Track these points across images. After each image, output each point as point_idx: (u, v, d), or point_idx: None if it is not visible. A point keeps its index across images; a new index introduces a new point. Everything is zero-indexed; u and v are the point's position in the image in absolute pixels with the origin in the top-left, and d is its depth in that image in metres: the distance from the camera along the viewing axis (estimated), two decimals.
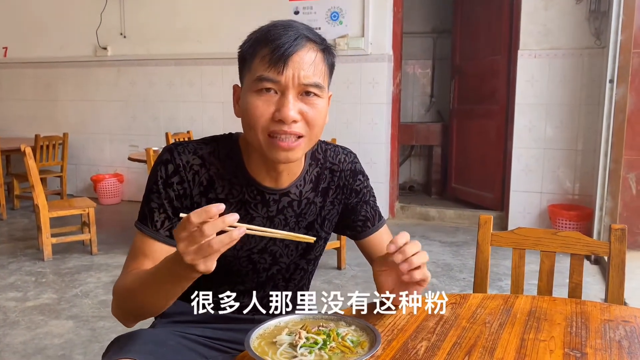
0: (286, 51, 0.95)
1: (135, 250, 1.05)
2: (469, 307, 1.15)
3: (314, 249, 1.18)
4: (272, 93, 0.97)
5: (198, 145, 1.08)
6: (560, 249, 1.37)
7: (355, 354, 0.86)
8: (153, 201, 1.04)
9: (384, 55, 4.64)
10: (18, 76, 6.09)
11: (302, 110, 0.98)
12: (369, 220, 1.22)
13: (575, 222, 3.98)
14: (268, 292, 1.15)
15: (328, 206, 1.17)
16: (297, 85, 0.97)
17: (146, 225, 1.04)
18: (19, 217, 5.02)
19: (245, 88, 1.01)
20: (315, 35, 1.01)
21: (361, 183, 1.21)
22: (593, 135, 4.08)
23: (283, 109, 0.96)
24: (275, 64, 0.95)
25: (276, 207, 1.10)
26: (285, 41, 0.95)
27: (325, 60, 1.01)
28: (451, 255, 3.86)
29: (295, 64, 0.96)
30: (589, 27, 4.03)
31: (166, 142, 4.64)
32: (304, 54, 0.97)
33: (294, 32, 0.97)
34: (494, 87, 4.69)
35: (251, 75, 0.99)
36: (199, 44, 5.24)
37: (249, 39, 1.02)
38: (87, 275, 3.42)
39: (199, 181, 1.05)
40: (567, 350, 0.96)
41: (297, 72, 0.96)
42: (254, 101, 0.97)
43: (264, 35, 0.98)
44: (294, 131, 0.97)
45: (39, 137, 4.97)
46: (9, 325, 2.69)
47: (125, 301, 1.01)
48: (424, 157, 6.32)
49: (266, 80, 0.96)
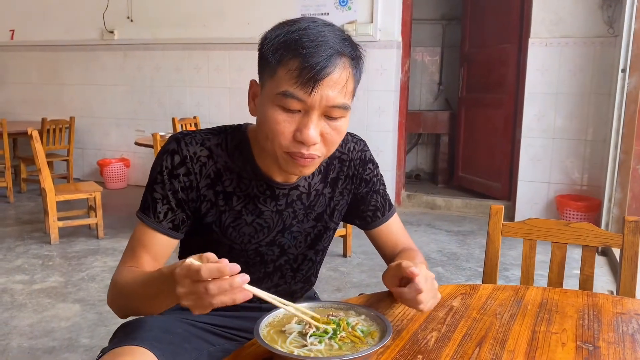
0: (318, 73, 0.88)
1: (135, 241, 1.03)
2: (479, 298, 1.14)
3: (322, 240, 1.17)
4: (296, 112, 0.91)
5: (206, 136, 1.04)
6: (572, 241, 1.35)
7: (366, 344, 0.85)
8: (156, 191, 1.02)
9: (392, 42, 4.59)
10: (25, 59, 6.08)
11: (323, 131, 0.93)
12: (378, 210, 1.20)
13: (583, 212, 3.95)
14: (275, 282, 1.14)
15: (337, 196, 1.15)
16: (323, 107, 0.91)
17: (148, 216, 1.02)
18: (25, 200, 5.04)
19: (267, 95, 0.94)
20: (347, 46, 0.93)
21: (371, 172, 1.18)
22: (603, 125, 4.04)
23: (305, 131, 0.91)
24: (304, 83, 0.88)
25: (285, 201, 1.08)
26: (317, 61, 0.88)
27: (354, 77, 0.95)
28: (457, 245, 3.85)
29: (325, 87, 0.89)
30: (602, 15, 3.96)
31: (172, 127, 4.63)
32: (336, 75, 0.90)
33: (326, 47, 0.89)
34: (503, 76, 4.64)
35: (275, 84, 0.92)
36: (205, 28, 5.21)
37: (274, 38, 0.93)
38: (93, 259, 3.43)
39: (206, 173, 1.03)
40: (579, 343, 0.95)
41: (326, 95, 0.90)
42: (275, 116, 0.92)
43: (293, 43, 0.90)
44: (311, 154, 0.93)
45: (46, 121, 4.97)
46: (17, 307, 2.71)
47: (120, 298, 0.99)
48: (431, 145, 6.29)
49: (292, 97, 0.89)
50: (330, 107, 0.91)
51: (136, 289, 0.92)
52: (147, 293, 0.89)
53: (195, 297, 0.75)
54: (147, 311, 0.94)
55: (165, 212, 1.01)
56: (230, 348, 1.05)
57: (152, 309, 0.92)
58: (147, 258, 1.01)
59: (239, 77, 5.16)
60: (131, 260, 1.02)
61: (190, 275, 0.74)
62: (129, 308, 0.98)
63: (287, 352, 0.81)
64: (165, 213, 1.01)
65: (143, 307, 0.93)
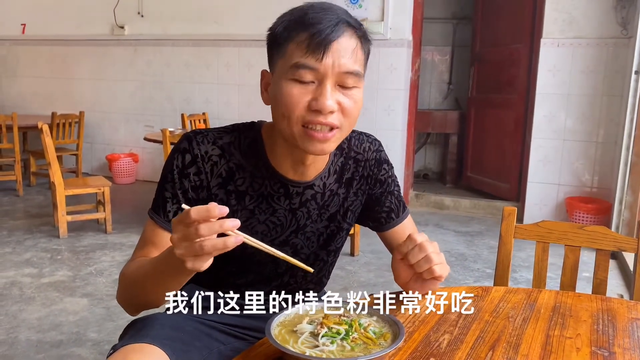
0: (327, 37, 0.89)
1: (145, 239, 1.02)
2: (491, 301, 1.13)
3: (335, 240, 1.15)
4: (310, 83, 0.91)
5: (218, 135, 1.03)
6: (586, 244, 1.33)
7: (379, 345, 0.84)
8: (167, 190, 1.01)
9: (403, 41, 4.57)
10: (35, 53, 6.10)
11: (339, 100, 0.93)
12: (393, 212, 1.19)
13: (593, 215, 3.92)
14: (286, 281, 1.13)
15: (351, 197, 1.13)
16: (336, 74, 0.91)
17: (158, 214, 1.01)
18: (34, 193, 5.07)
19: (278, 74, 0.94)
20: (354, 20, 0.95)
21: (386, 172, 1.17)
22: (614, 127, 4.00)
23: (321, 98, 0.90)
24: (314, 50, 0.89)
25: (299, 200, 1.07)
26: (325, 26, 0.89)
27: (363, 48, 0.96)
28: (465, 245, 3.83)
29: (335, 52, 0.90)
30: (616, 16, 3.92)
31: (181, 123, 4.64)
32: (344, 40, 0.91)
33: (334, 16, 0.91)
34: (514, 76, 4.61)
35: (285, 60, 0.92)
36: (216, 25, 5.20)
37: (281, 21, 0.95)
38: (101, 253, 3.44)
39: (218, 172, 1.01)
40: (594, 348, 0.94)
41: (337, 60, 0.90)
42: (289, 89, 0.91)
43: (300, 18, 0.92)
44: (329, 122, 0.92)
45: (56, 115, 4.99)
46: (25, 300, 2.72)
47: (128, 289, 0.99)
48: (440, 145, 6.26)
49: (303, 67, 0.90)
50: (343, 73, 0.91)
51: (147, 268, 0.92)
52: (156, 271, 0.88)
53: (189, 245, 0.75)
54: (157, 293, 0.91)
55: (175, 211, 1.01)
56: (240, 347, 1.05)
57: (160, 288, 0.89)
58: (157, 253, 1.00)
59: (249, 74, 5.15)
60: (141, 255, 1.01)
61: (182, 219, 0.75)
62: (139, 296, 0.96)
63: (299, 352, 0.80)
64: (174, 212, 1.01)
65: (152, 289, 0.91)
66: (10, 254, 3.41)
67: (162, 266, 0.86)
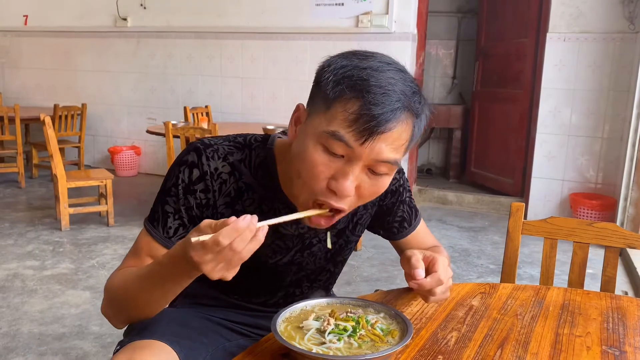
0: (378, 126, 0.78)
1: (139, 250, 0.95)
2: (499, 298, 1.12)
3: (343, 253, 1.11)
4: (338, 157, 0.82)
5: (229, 150, 0.96)
6: (595, 241, 1.31)
7: (386, 343, 0.82)
8: (169, 204, 0.94)
9: (407, 34, 4.53)
10: (38, 45, 6.08)
11: (361, 185, 0.84)
12: (405, 221, 1.13)
13: (598, 211, 3.89)
14: (291, 292, 1.11)
15: (361, 211, 1.07)
16: (370, 160, 0.82)
17: (156, 228, 0.94)
18: (37, 186, 5.06)
19: (313, 128, 0.84)
20: (416, 101, 0.83)
21: (397, 181, 1.10)
22: (620, 123, 3.97)
23: (341, 181, 0.82)
24: (359, 132, 0.79)
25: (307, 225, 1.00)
26: (380, 112, 0.78)
27: (414, 134, 0.85)
28: (469, 241, 3.81)
29: (381, 141, 0.80)
30: (623, 10, 3.88)
31: (184, 116, 4.62)
32: (396, 132, 0.81)
33: (394, 99, 0.79)
34: (520, 71, 4.57)
35: (325, 120, 0.82)
36: (219, 17, 5.17)
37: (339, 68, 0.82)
38: (103, 246, 3.44)
39: (226, 191, 0.95)
40: (604, 347, 0.92)
41: (378, 147, 0.80)
42: (315, 157, 0.83)
43: (359, 82, 0.79)
44: (339, 206, 0.85)
45: (58, 107, 4.97)
46: (27, 293, 2.72)
47: (117, 299, 0.92)
48: (443, 140, 6.23)
49: (340, 141, 0.80)
50: (379, 161, 0.82)
51: (143, 276, 0.86)
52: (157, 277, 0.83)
53: (225, 264, 0.73)
54: (154, 302, 0.87)
55: (176, 228, 0.94)
56: (245, 344, 1.03)
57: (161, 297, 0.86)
58: None
59: (252, 66, 5.12)
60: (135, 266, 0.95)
61: (210, 250, 0.71)
62: (131, 307, 0.90)
63: (306, 349, 0.79)
64: (175, 229, 0.94)
65: (150, 297, 0.87)
66: (12, 246, 3.40)
67: (165, 274, 0.82)
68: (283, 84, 4.96)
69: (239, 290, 1.08)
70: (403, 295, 1.10)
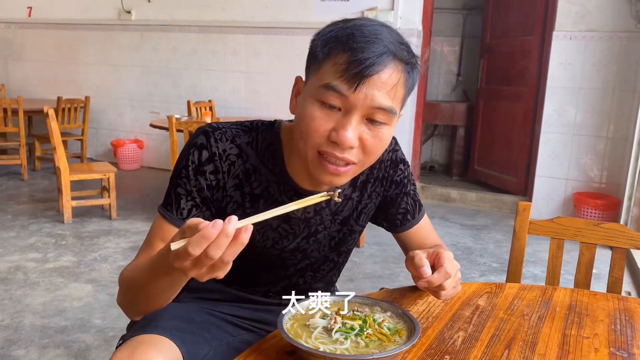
0: (366, 68, 0.81)
1: (154, 237, 0.95)
2: (506, 297, 1.11)
3: (347, 242, 1.11)
4: (336, 110, 0.84)
5: (237, 132, 0.98)
6: (602, 242, 1.31)
7: (394, 342, 0.81)
8: (180, 187, 0.95)
9: (413, 31, 4.51)
10: (42, 37, 6.07)
11: (362, 136, 0.86)
12: (408, 213, 1.14)
13: (601, 211, 3.88)
14: (294, 282, 1.11)
15: (365, 200, 1.08)
16: (366, 107, 0.84)
17: (170, 212, 0.95)
18: (39, 178, 5.06)
19: (308, 89, 0.88)
20: (404, 50, 0.86)
21: (402, 173, 1.11)
22: (625, 122, 3.95)
23: (342, 131, 0.83)
24: (349, 78, 0.82)
25: (313, 209, 1.02)
26: (367, 56, 0.81)
27: (406, 83, 0.87)
28: (472, 239, 3.81)
29: (372, 85, 0.82)
30: (630, 9, 3.86)
31: (188, 110, 4.61)
32: (385, 75, 0.83)
33: (380, 45, 0.83)
34: (525, 69, 4.55)
35: (318, 77, 0.85)
36: (224, 11, 5.15)
37: (326, 32, 0.87)
38: (105, 239, 3.43)
39: (235, 173, 0.96)
40: (612, 349, 0.92)
41: (371, 94, 0.82)
42: (313, 111, 0.85)
43: (345, 37, 0.83)
44: (345, 157, 0.86)
45: (61, 100, 4.97)
46: (30, 285, 2.72)
47: (129, 291, 0.92)
48: (447, 137, 6.21)
49: (333, 90, 0.83)
50: (374, 107, 0.84)
51: (143, 270, 0.85)
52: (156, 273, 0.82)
53: (208, 269, 0.69)
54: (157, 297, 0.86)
55: (190, 208, 0.95)
56: (249, 339, 1.03)
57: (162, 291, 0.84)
58: None
59: (256, 61, 5.11)
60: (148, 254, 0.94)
61: (184, 258, 0.67)
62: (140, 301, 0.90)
63: (313, 348, 0.78)
64: (189, 210, 0.95)
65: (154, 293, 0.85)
66: (15, 238, 3.40)
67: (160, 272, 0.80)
68: (287, 79, 4.94)
69: (242, 280, 1.08)
70: (408, 294, 1.09)
